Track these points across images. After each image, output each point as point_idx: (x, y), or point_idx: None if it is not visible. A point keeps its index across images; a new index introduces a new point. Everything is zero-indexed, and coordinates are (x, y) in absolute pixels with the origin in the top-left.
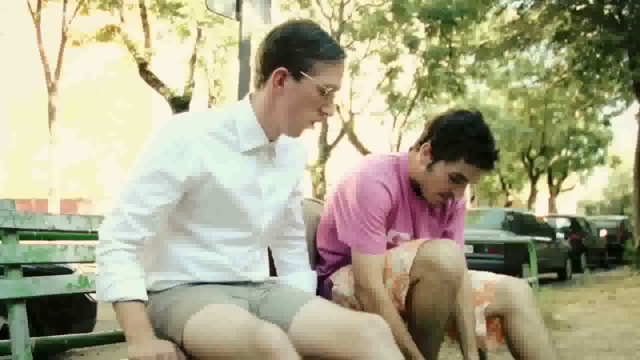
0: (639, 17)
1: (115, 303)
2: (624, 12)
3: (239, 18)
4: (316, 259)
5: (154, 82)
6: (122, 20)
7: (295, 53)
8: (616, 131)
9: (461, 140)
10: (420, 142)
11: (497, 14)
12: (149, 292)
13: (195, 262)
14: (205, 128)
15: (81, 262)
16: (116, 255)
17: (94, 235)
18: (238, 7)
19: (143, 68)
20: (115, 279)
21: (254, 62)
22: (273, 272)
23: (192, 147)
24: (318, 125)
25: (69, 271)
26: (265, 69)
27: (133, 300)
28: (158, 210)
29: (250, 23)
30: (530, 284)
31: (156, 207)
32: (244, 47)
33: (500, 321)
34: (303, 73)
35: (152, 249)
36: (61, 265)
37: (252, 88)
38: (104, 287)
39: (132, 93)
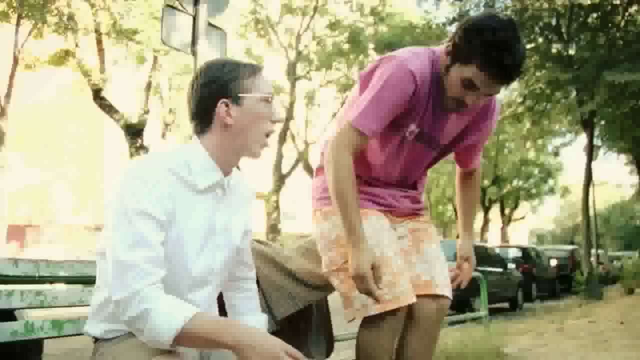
0: (585, 57)
1: (182, 331)
2: (570, 51)
3: (194, 53)
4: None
5: (108, 108)
6: (76, 45)
7: (226, 82)
8: (566, 162)
9: (477, 43)
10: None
11: None
12: (97, 340)
13: None
14: (166, 167)
15: (27, 307)
16: (149, 293)
17: (41, 280)
18: (194, 42)
19: (97, 94)
20: (165, 310)
21: (189, 114)
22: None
23: (159, 186)
24: (272, 154)
25: (13, 317)
26: (207, 110)
27: (195, 314)
28: (160, 247)
29: (205, 57)
30: (481, 318)
31: (158, 243)
32: None
33: None
34: (241, 95)
35: (105, 302)
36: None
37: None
38: (159, 327)
39: (84, 118)
